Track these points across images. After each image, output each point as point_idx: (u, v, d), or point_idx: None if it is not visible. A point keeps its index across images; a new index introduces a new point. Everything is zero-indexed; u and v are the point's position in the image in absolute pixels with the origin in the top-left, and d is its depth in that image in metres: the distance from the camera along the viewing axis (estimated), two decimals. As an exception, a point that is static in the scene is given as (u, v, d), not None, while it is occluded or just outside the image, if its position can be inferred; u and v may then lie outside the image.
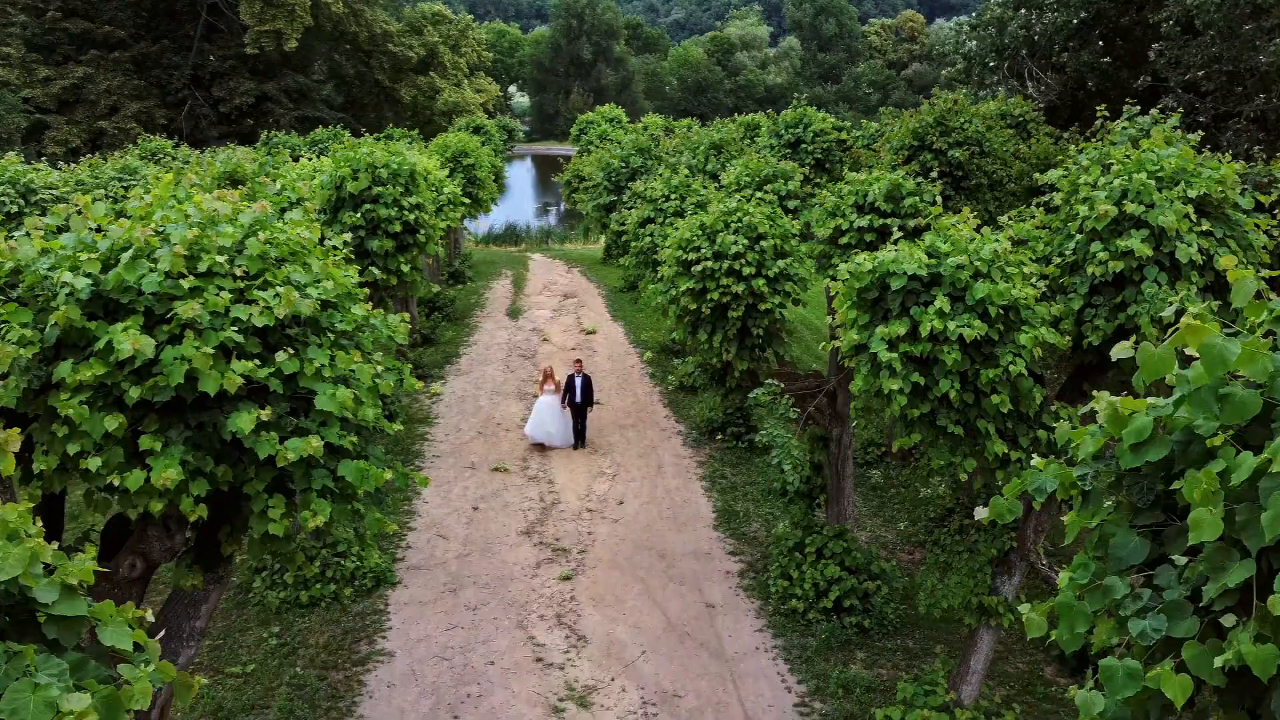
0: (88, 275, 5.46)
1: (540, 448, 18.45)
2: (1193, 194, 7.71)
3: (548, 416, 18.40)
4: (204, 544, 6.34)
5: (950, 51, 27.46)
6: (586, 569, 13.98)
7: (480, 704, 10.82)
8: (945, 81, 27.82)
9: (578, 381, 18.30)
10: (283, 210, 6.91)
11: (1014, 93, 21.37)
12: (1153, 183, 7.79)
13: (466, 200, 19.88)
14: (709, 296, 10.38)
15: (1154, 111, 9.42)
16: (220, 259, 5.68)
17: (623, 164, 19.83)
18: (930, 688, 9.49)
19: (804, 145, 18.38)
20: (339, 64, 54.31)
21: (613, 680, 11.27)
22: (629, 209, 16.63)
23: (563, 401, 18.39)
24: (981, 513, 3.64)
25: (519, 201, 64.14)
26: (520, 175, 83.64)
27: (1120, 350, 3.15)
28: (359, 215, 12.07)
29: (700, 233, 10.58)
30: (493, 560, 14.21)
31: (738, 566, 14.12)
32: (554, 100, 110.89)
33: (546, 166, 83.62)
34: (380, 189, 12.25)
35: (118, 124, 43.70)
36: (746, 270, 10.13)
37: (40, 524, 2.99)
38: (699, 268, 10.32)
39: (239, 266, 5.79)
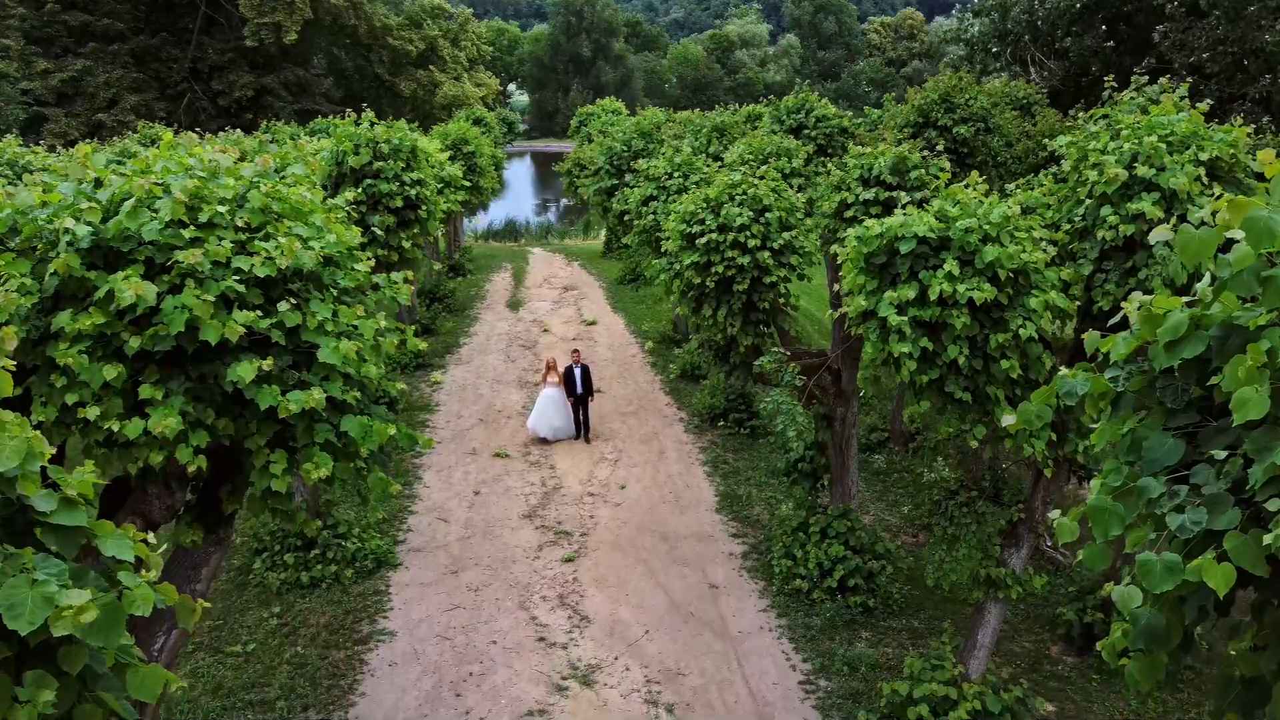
0: (88, 224, 5.38)
1: (543, 440, 18.12)
2: (1204, 157, 7.63)
3: (551, 409, 17.98)
4: (205, 503, 6.26)
5: (953, 38, 27.37)
6: (589, 551, 13.90)
7: (483, 682, 10.74)
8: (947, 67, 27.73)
9: (576, 372, 17.93)
10: (281, 171, 6.81)
11: (1016, 78, 21.28)
12: (1163, 146, 7.71)
13: (467, 183, 19.77)
14: (713, 270, 10.28)
15: (1163, 80, 9.35)
16: (221, 209, 5.60)
17: (625, 147, 19.72)
18: (937, 662, 9.41)
19: (806, 131, 18.26)
20: (338, 58, 54.15)
21: (616, 659, 11.19)
22: (631, 188, 16.51)
23: (567, 394, 18.02)
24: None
25: (518, 198, 64.00)
26: (520, 173, 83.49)
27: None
28: (360, 190, 11.99)
29: (704, 205, 10.48)
30: (494, 543, 14.13)
31: (741, 548, 14.04)
32: (553, 98, 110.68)
33: (546, 164, 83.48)
34: (381, 164, 12.16)
35: (116, 116, 43.56)
36: (751, 243, 10.03)
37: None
38: (703, 240, 10.22)
39: (240, 218, 5.70)
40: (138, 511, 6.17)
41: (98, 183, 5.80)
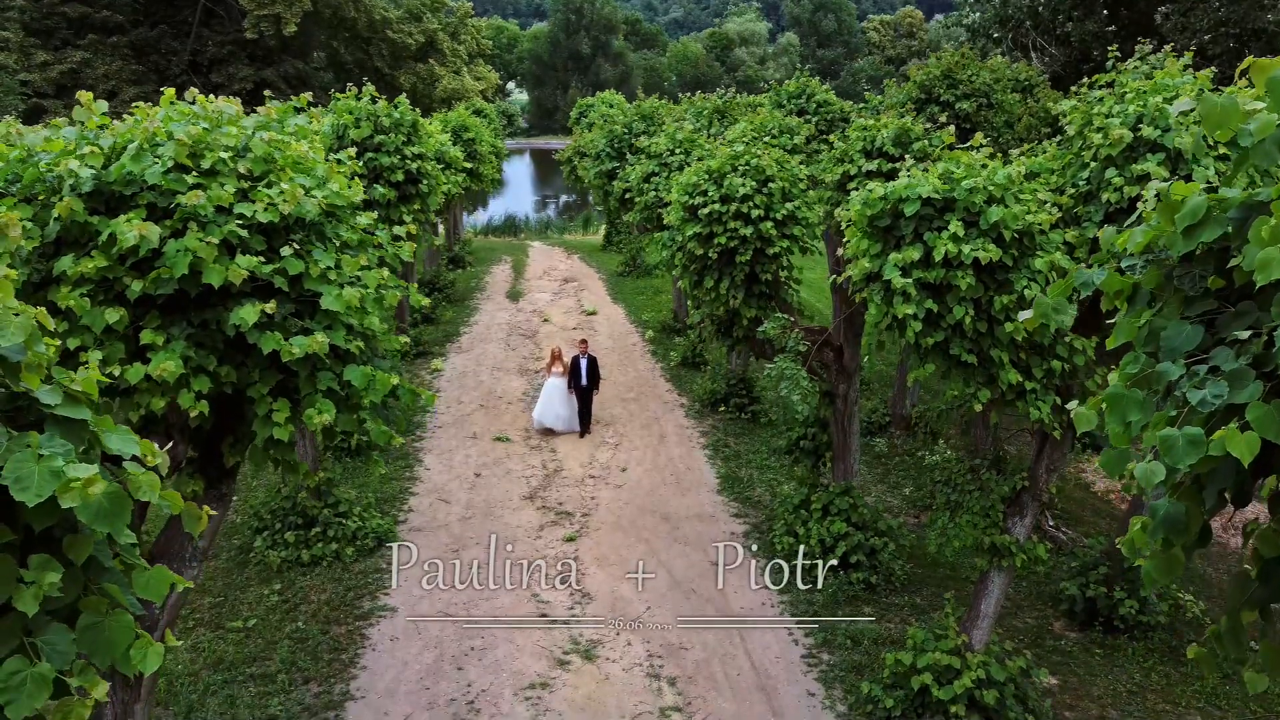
0: (90, 167, 5.36)
1: (549, 430, 17.68)
2: (1209, 118, 7.59)
3: (557, 399, 17.57)
4: (207, 456, 6.22)
5: (953, 23, 27.39)
6: (590, 531, 13.88)
7: (484, 656, 10.71)
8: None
9: (583, 363, 17.46)
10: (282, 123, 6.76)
11: (1017, 63, 21.24)
12: (1168, 107, 7.68)
13: (468, 165, 19.72)
14: (716, 241, 10.24)
15: (1167, 48, 9.34)
16: (225, 155, 5.57)
17: (626, 129, 19.68)
18: (941, 632, 9.38)
19: (806, 115, 18.22)
20: (337, 51, 54.10)
21: (618, 634, 11.16)
22: (633, 167, 16.45)
23: (569, 385, 17.66)
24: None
25: (518, 196, 64.01)
26: (519, 170, 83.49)
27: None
28: (361, 164, 11.94)
29: (707, 177, 10.44)
30: (496, 523, 14.10)
31: (742, 528, 14.02)
32: (552, 95, 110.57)
33: (545, 161, 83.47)
34: (382, 137, 12.13)
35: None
36: (754, 213, 9.99)
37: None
38: (706, 211, 10.18)
39: (243, 166, 5.68)
40: (139, 465, 6.12)
41: (100, 130, 5.77)
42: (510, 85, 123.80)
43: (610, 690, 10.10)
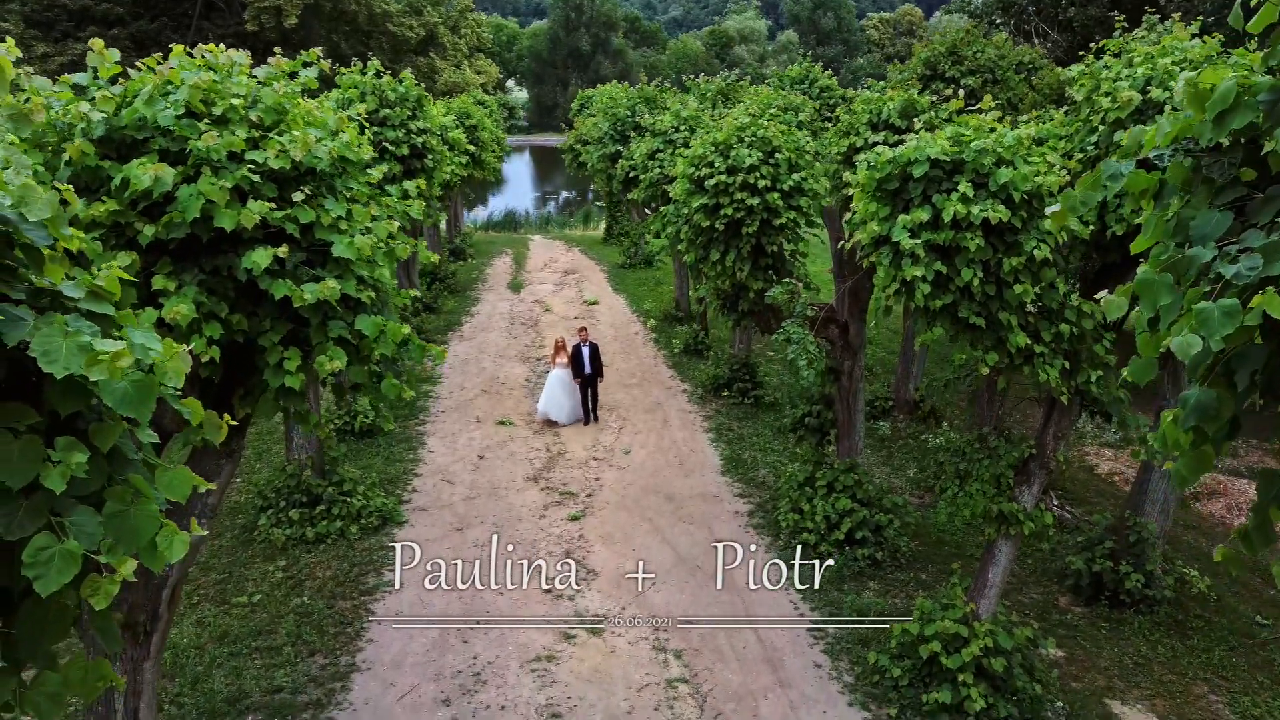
0: (102, 112, 5.34)
1: (553, 422, 17.42)
2: (1219, 80, 7.58)
3: (560, 391, 17.45)
4: (217, 410, 6.20)
5: (956, 9, 27.40)
6: (595, 510, 13.86)
7: (490, 631, 10.70)
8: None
9: (584, 351, 17.30)
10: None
11: (1019, 47, 21.21)
12: (1177, 69, 7.68)
13: (472, 147, 19.71)
14: (722, 213, 10.22)
15: (1175, 16, 9.32)
16: (236, 103, 5.55)
17: (629, 112, 19.65)
18: (948, 602, 9.36)
19: (809, 98, 18.22)
20: (337, 44, 54.05)
21: (623, 609, 11.15)
22: (637, 145, 16.42)
23: (574, 375, 17.48)
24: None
25: (518, 193, 64.00)
26: (519, 167, 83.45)
27: None
28: (366, 138, 11.95)
29: (713, 149, 10.43)
30: (500, 503, 14.08)
31: (746, 507, 14.01)
32: (552, 92, 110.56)
33: (545, 158, 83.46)
34: (388, 111, 12.11)
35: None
36: (761, 184, 9.98)
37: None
38: (712, 183, 10.16)
39: (254, 114, 5.67)
40: (149, 418, 6.10)
41: (113, 79, 5.76)
42: (510, 83, 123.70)
43: (617, 662, 10.09)
